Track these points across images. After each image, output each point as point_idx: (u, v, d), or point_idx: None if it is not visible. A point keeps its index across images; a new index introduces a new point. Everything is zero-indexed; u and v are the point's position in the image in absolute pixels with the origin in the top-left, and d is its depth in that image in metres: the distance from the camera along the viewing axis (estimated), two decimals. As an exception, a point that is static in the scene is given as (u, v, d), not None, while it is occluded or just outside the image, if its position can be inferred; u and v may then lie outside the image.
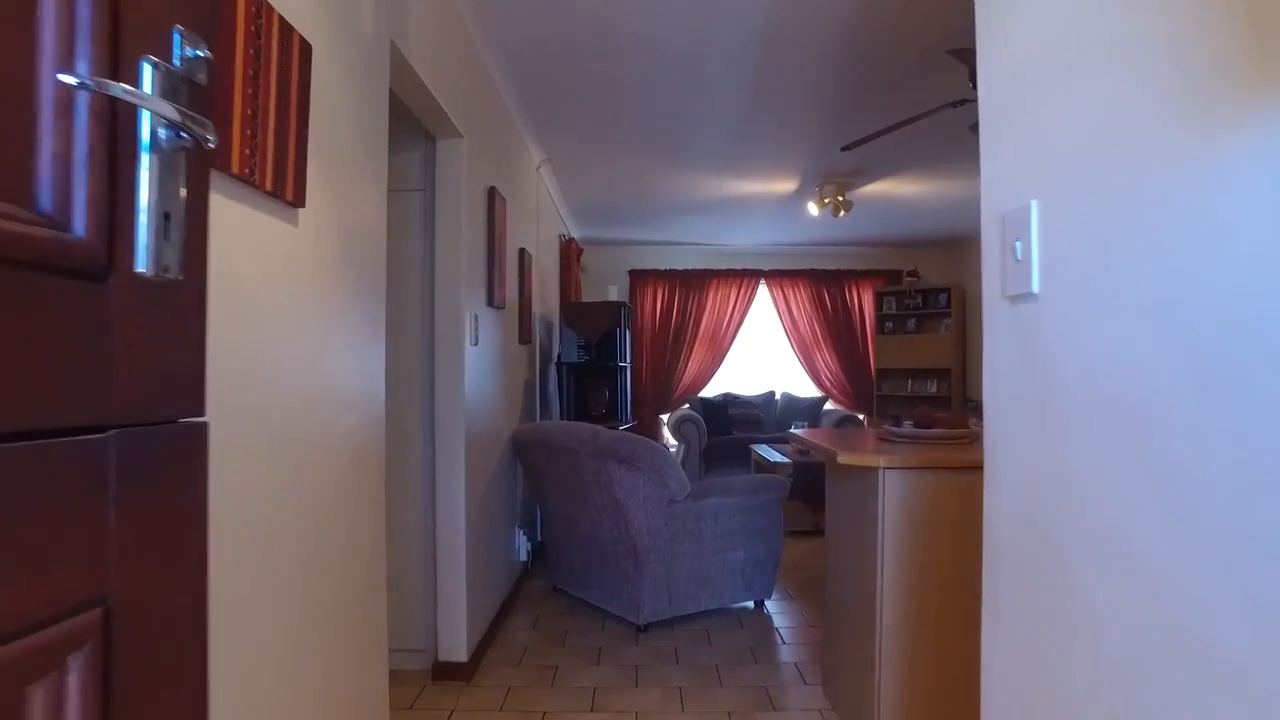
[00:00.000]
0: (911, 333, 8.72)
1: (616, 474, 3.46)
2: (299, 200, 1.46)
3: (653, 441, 3.51)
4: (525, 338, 4.48)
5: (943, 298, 8.51)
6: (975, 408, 6.95)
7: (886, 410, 8.80)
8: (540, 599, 4.09)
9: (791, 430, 3.09)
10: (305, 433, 1.52)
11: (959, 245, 8.69)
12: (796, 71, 3.66)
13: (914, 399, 8.65)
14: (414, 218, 2.93)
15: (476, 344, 3.14)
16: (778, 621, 3.72)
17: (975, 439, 2.60)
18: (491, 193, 3.42)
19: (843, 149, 3.56)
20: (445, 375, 2.91)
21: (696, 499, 3.62)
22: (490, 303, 3.42)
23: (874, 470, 2.27)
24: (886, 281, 9.03)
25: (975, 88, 3.10)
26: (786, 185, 5.93)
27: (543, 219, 5.52)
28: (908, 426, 2.63)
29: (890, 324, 8.87)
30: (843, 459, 2.26)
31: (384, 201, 1.99)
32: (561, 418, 5.52)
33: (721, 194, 6.26)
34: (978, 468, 2.33)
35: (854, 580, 2.51)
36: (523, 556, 4.30)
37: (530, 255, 4.69)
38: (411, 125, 2.82)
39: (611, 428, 5.15)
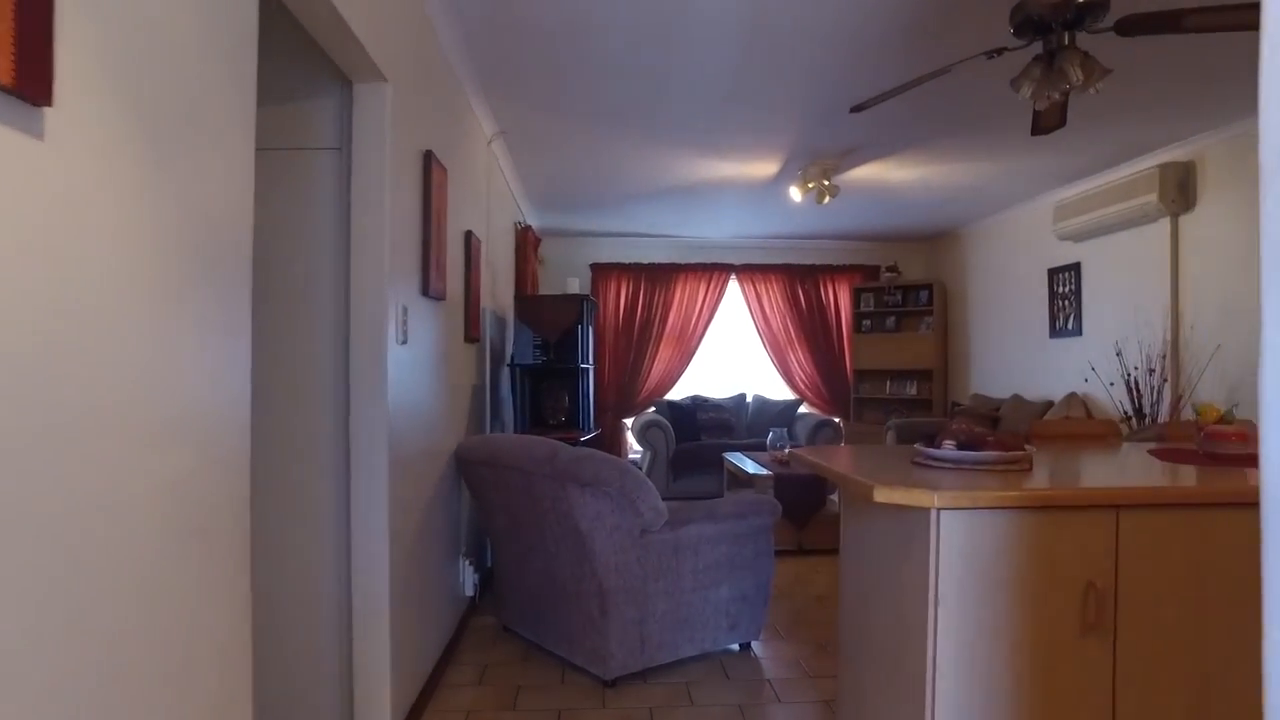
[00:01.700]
0: (891, 331, 8.27)
1: (579, 500, 2.87)
2: (38, 94, 0.85)
3: (622, 461, 2.93)
4: (472, 335, 3.87)
5: (924, 294, 8.07)
6: (961, 412, 6.49)
7: (864, 414, 8.34)
8: (489, 642, 3.48)
9: (795, 450, 2.53)
10: (63, 489, 0.91)
11: (942, 240, 8.26)
12: (795, 22, 3.11)
13: (893, 401, 8.21)
14: (324, 183, 2.30)
15: (405, 342, 2.52)
16: (769, 669, 3.17)
17: (1029, 463, 2.07)
18: (428, 158, 2.81)
19: (853, 109, 3.03)
20: (362, 381, 2.30)
21: (674, 527, 3.05)
22: (425, 292, 2.81)
23: (924, 511, 1.72)
24: (864, 277, 8.57)
25: (1016, 33, 2.57)
26: (767, 167, 5.39)
27: (495, 201, 4.90)
28: (949, 448, 2.09)
29: (868, 322, 8.41)
30: (882, 495, 1.70)
31: (248, 153, 1.38)
32: (515, 427, 4.91)
33: (695, 177, 5.70)
34: (1080, 507, 1.76)
35: (888, 649, 1.96)
36: (469, 590, 3.69)
37: (479, 240, 4.07)
38: (318, 62, 2.20)
39: (572, 439, 4.56)
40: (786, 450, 5.66)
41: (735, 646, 3.37)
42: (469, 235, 3.79)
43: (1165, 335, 4.99)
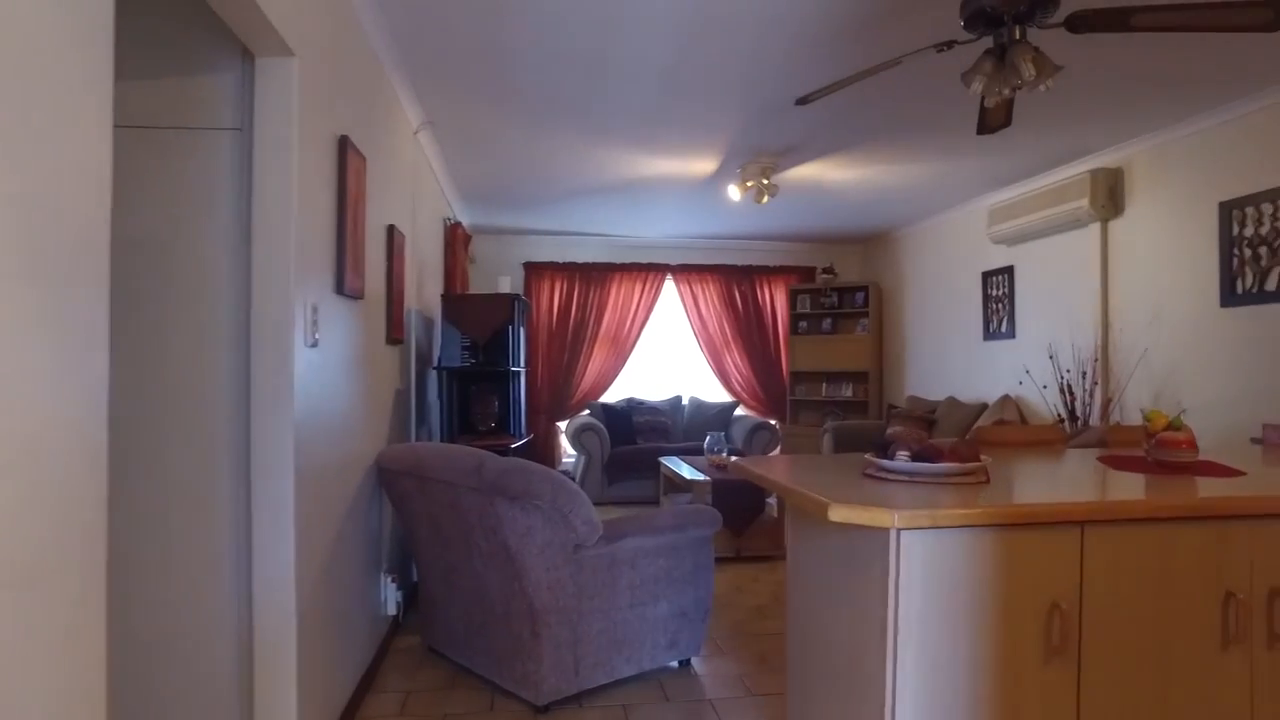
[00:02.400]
0: (827, 333, 8.27)
1: (507, 515, 2.68)
2: None
3: (554, 473, 2.75)
4: (395, 337, 3.63)
5: (860, 296, 8.09)
6: (898, 414, 6.50)
7: (800, 416, 8.32)
8: (413, 665, 3.25)
9: (738, 461, 2.39)
10: None
11: (878, 241, 8.30)
12: (736, 11, 2.98)
13: (829, 403, 8.20)
14: (222, 167, 2.06)
15: (316, 344, 2.29)
16: (710, 688, 3.03)
17: (986, 475, 1.97)
18: (343, 144, 2.57)
19: (798, 101, 2.91)
20: (265, 388, 2.06)
21: (609, 542, 2.88)
22: (340, 290, 2.57)
23: (881, 531, 1.59)
24: (800, 279, 8.55)
25: (967, 26, 2.49)
26: (706, 165, 5.27)
27: (422, 195, 4.65)
28: (903, 460, 1.97)
29: (804, 324, 8.40)
30: (838, 514, 1.57)
31: (104, 132, 1.15)
32: (442, 434, 4.66)
33: (632, 175, 5.54)
34: (1045, 524, 1.58)
35: (841, 675, 1.82)
36: (391, 610, 3.45)
37: (403, 235, 3.83)
38: (215, 30, 1.96)
39: (502, 446, 4.35)
40: (724, 454, 5.56)
41: (675, 664, 3.22)
42: (392, 230, 3.55)
43: (1096, 339, 5.05)
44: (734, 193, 5.42)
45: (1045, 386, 5.39)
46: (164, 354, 2.02)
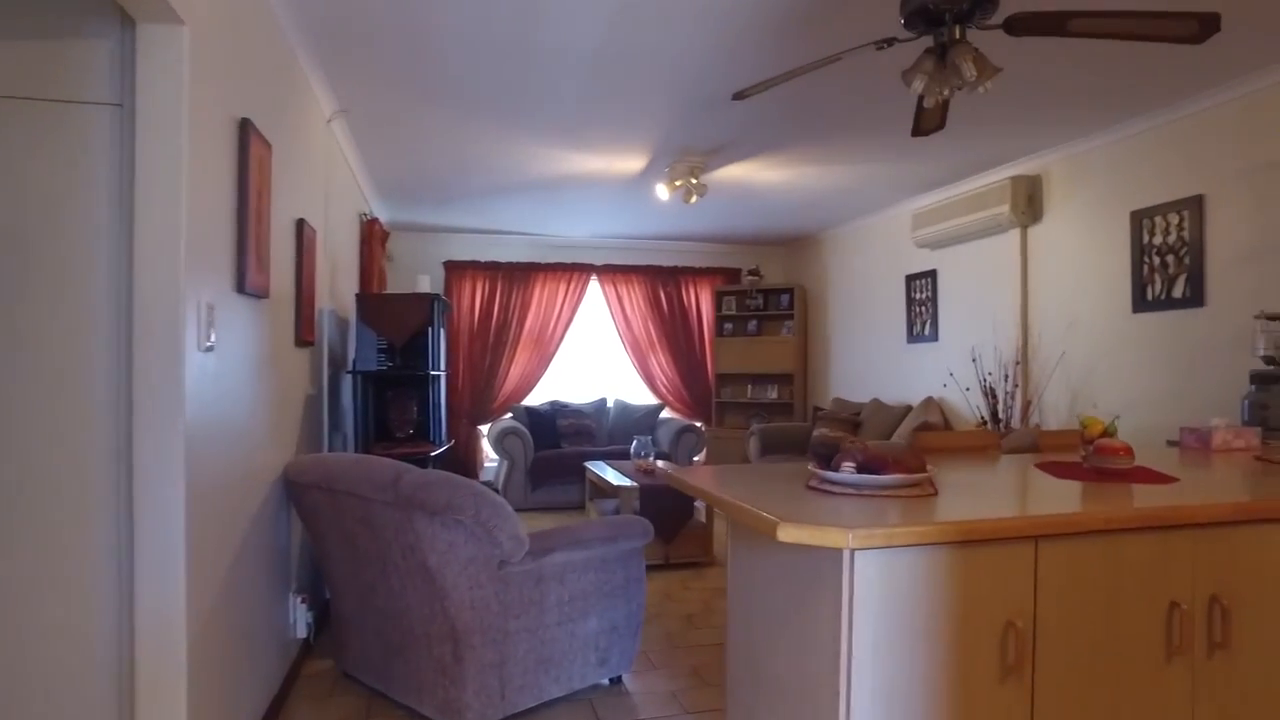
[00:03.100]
0: (752, 335, 8.28)
1: (427, 531, 2.49)
2: None
3: (477, 485, 2.58)
4: (305, 338, 3.38)
5: (785, 298, 8.12)
6: (824, 417, 6.53)
7: (726, 418, 8.30)
8: (325, 692, 3.03)
9: (671, 471, 2.27)
10: None
11: (803, 244, 8.35)
12: (672, 3, 2.87)
13: (754, 405, 8.21)
14: (99, 146, 1.82)
15: (211, 348, 2.07)
16: (643, 707, 2.90)
17: (933, 486, 1.91)
18: (245, 128, 2.35)
19: (735, 96, 2.82)
20: (150, 395, 1.83)
21: (536, 557, 2.72)
22: (241, 288, 2.34)
23: (833, 551, 1.50)
24: (726, 280, 8.53)
25: (906, 24, 2.43)
26: (634, 163, 5.15)
27: (336, 189, 4.39)
28: (848, 471, 1.89)
29: (730, 325, 8.38)
30: (788, 534, 1.46)
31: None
32: (357, 442, 4.41)
33: (558, 172, 5.38)
34: (1001, 539, 1.51)
35: (789, 702, 1.72)
36: (301, 632, 3.21)
37: (314, 230, 3.59)
38: (88, -7, 1.73)
39: (422, 453, 4.13)
40: (651, 459, 5.46)
41: (606, 682, 3.08)
42: (301, 224, 3.31)
43: (1017, 342, 5.15)
44: (662, 192, 5.33)
45: (968, 389, 5.48)
46: (27, 360, 1.77)
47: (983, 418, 5.16)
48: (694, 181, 5.16)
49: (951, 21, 2.30)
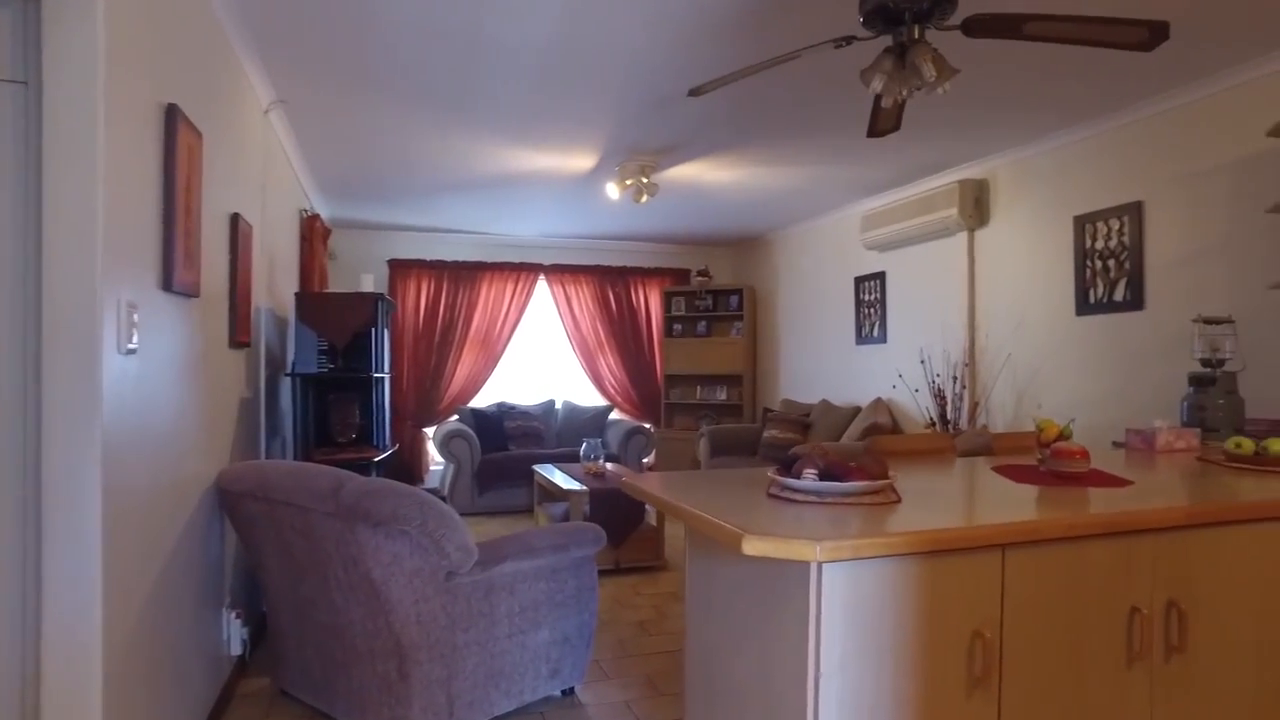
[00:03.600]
0: (701, 336, 8.26)
1: (370, 543, 2.37)
2: None
3: (423, 494, 2.47)
4: (240, 339, 3.21)
5: (734, 299, 8.12)
6: (773, 418, 6.53)
7: (675, 420, 8.26)
8: (262, 711, 2.87)
9: (627, 479, 2.20)
10: None
11: (753, 245, 8.36)
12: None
13: (703, 406, 8.19)
14: (0, 130, 1.67)
15: (134, 350, 1.92)
16: (597, 719, 2.82)
17: (896, 492, 1.87)
18: (173, 115, 2.20)
19: (691, 92, 2.75)
20: (61, 402, 1.68)
21: (486, 567, 2.62)
22: (168, 286, 2.19)
23: (801, 563, 1.44)
24: (675, 281, 8.50)
25: (865, 23, 2.40)
26: (584, 161, 5.06)
27: (275, 183, 4.21)
28: (810, 478, 1.84)
29: (679, 326, 8.35)
30: (754, 547, 1.40)
31: None
32: (296, 448, 4.23)
33: (506, 169, 5.26)
34: (970, 548, 1.48)
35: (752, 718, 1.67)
36: (235, 649, 3.04)
37: (250, 226, 3.42)
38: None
39: (365, 459, 3.98)
40: (601, 462, 5.38)
41: (558, 693, 2.99)
42: (236, 219, 3.14)
43: (964, 344, 5.22)
44: (612, 191, 5.26)
45: (917, 390, 5.53)
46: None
47: (931, 419, 5.21)
48: (645, 181, 5.10)
49: (910, 21, 2.28)
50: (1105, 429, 4.06)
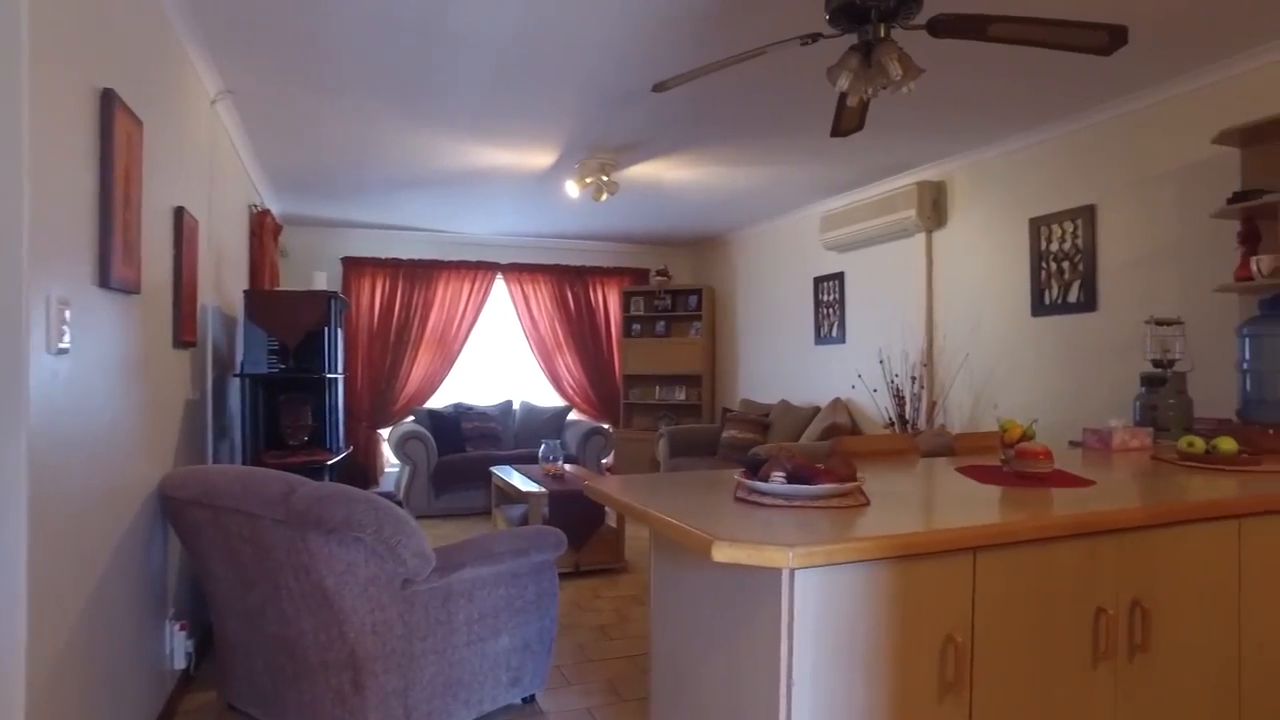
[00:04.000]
0: (660, 336, 8.23)
1: (323, 550, 2.28)
2: None
3: (378, 499, 2.38)
4: (185, 339, 3.08)
5: (693, 299, 8.11)
6: (733, 418, 6.53)
7: (634, 420, 8.22)
8: (204, 726, 2.76)
9: (589, 484, 2.15)
10: None
11: (712, 245, 8.35)
12: (585, -10, 2.75)
13: (662, 407, 8.16)
14: (-74, 116, 1.55)
15: (65, 350, 1.81)
16: (556, 728, 2.77)
17: (864, 495, 1.85)
18: (109, 101, 2.08)
19: (654, 88, 2.71)
20: (-12, 409, 1.57)
21: (444, 573, 2.55)
22: (105, 282, 2.08)
23: (772, 570, 1.41)
24: (634, 280, 8.46)
25: (831, 20, 2.38)
26: (544, 158, 4.99)
27: (222, 176, 4.06)
28: (778, 481, 1.81)
29: (638, 326, 8.32)
30: (724, 554, 1.36)
31: None
32: (245, 452, 4.09)
33: (464, 165, 5.16)
34: (942, 552, 1.46)
35: (717, 727, 1.63)
36: (180, 662, 2.91)
37: (196, 220, 3.28)
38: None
39: (318, 462, 3.86)
40: (560, 463, 5.31)
41: (518, 701, 2.93)
42: (181, 213, 3.01)
43: (922, 344, 5.26)
44: (572, 189, 5.19)
45: (876, 390, 5.56)
46: None
47: (890, 419, 5.24)
48: (605, 179, 5.04)
49: (876, 19, 2.27)
50: (1061, 428, 4.12)
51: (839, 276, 6.18)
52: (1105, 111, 4.04)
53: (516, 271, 8.07)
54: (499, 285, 8.05)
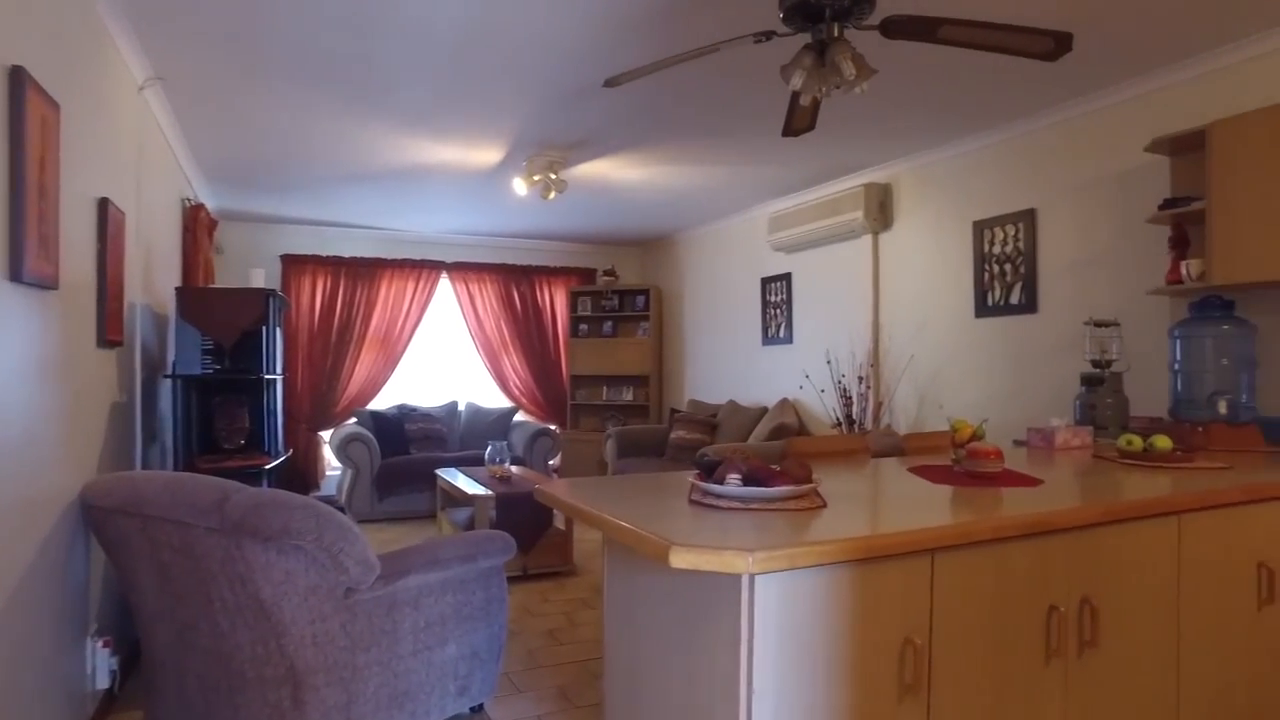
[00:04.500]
0: (608, 336, 8.18)
1: (260, 560, 2.18)
2: None
3: (319, 505, 2.29)
4: (110, 338, 2.93)
5: (641, 299, 8.08)
6: (680, 418, 6.51)
7: (581, 421, 8.16)
8: (130, 746, 2.61)
9: (540, 489, 2.09)
10: None
11: (660, 245, 8.33)
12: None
13: (609, 408, 8.12)
14: None
15: (-23, 351, 1.69)
16: (505, 737, 2.70)
17: (820, 497, 1.83)
18: (18, 80, 1.95)
19: (606, 83, 2.66)
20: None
21: (389, 581, 2.46)
22: (16, 276, 1.95)
23: (733, 577, 1.37)
24: (581, 280, 8.40)
25: (785, 19, 2.37)
26: (491, 154, 4.90)
27: (152, 168, 3.88)
28: (734, 483, 1.78)
29: (585, 326, 8.26)
30: (682, 559, 1.32)
31: None
32: (177, 457, 3.91)
33: (409, 161, 5.04)
34: (901, 554, 1.45)
35: (674, 736, 1.59)
36: (103, 681, 2.76)
37: (122, 213, 3.12)
38: None
39: (254, 467, 3.72)
40: (507, 465, 5.23)
41: (467, 710, 2.85)
42: (105, 204, 2.86)
43: (869, 345, 5.32)
44: (520, 187, 5.11)
45: (823, 390, 5.61)
46: None
47: (838, 419, 5.29)
48: (553, 177, 4.98)
49: (830, 19, 2.26)
50: (1004, 428, 4.20)
51: (786, 277, 6.22)
52: (1045, 118, 4.14)
53: (462, 270, 7.94)
54: (444, 284, 7.90)
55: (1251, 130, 3.01)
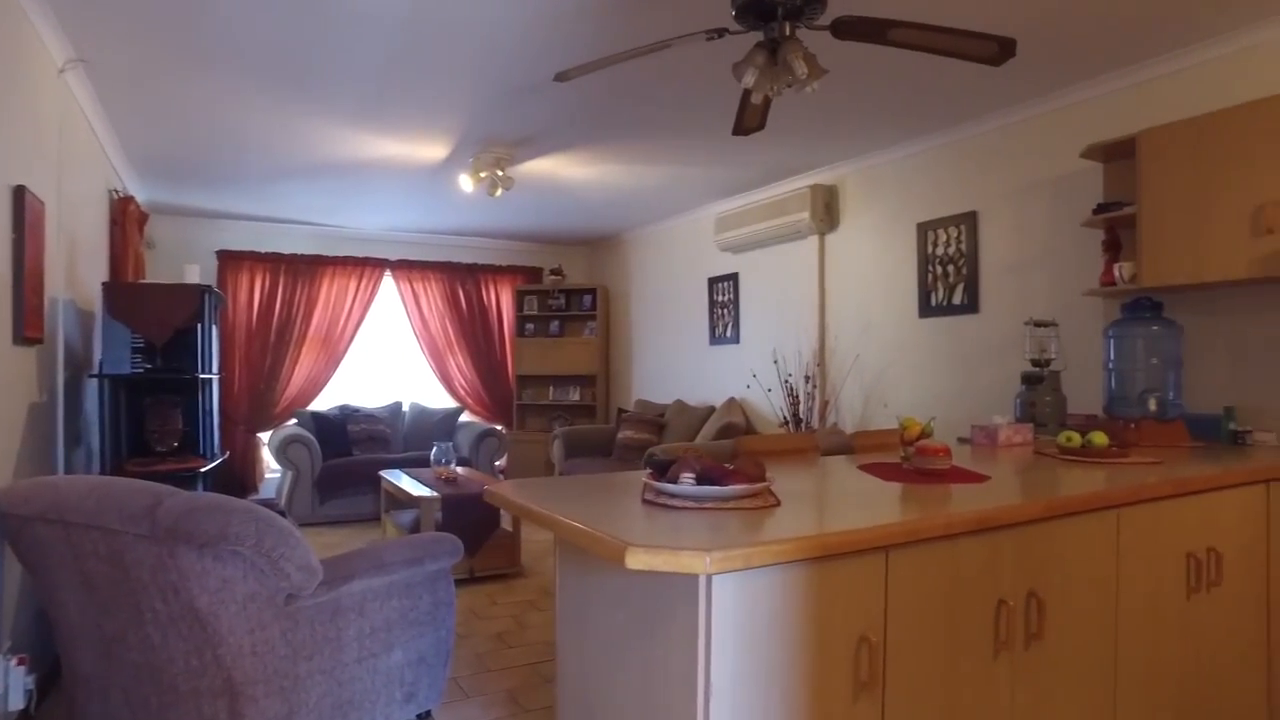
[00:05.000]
0: (554, 336, 8.12)
1: (195, 568, 2.09)
2: None
3: (258, 508, 2.20)
4: (30, 334, 2.78)
5: (587, 299, 8.04)
6: (628, 418, 6.50)
7: (527, 421, 8.08)
8: (53, 765, 2.48)
9: (490, 489, 2.05)
10: None
11: (607, 244, 8.30)
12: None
13: (556, 408, 8.06)
14: None
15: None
16: (453, 744, 2.64)
17: (774, 495, 1.83)
18: (-64, 65, 1.83)
19: (556, 77, 2.62)
20: None
21: (332, 587, 2.38)
22: (-69, 270, 1.83)
23: (687, 576, 1.36)
24: (527, 279, 8.32)
25: (738, 17, 2.36)
26: (436, 150, 4.81)
27: (75, 157, 3.70)
28: (688, 483, 1.76)
29: (531, 326, 8.18)
30: (638, 560, 1.30)
31: None
32: (105, 461, 3.74)
33: (351, 155, 4.91)
34: (856, 552, 1.45)
35: (629, 739, 1.56)
36: (18, 702, 2.61)
37: (41, 203, 2.97)
38: None
39: (189, 470, 3.58)
40: (452, 466, 5.14)
41: (414, 718, 2.78)
42: (21, 193, 2.71)
43: (815, 345, 5.38)
44: (466, 183, 5.03)
45: (770, 390, 5.65)
46: None
47: (785, 418, 5.33)
48: (500, 174, 4.91)
49: (782, 17, 2.26)
50: (948, 425, 4.28)
51: (733, 277, 6.25)
52: (987, 123, 4.23)
53: (406, 268, 7.79)
54: (387, 282, 7.75)
55: (1176, 140, 3.12)
